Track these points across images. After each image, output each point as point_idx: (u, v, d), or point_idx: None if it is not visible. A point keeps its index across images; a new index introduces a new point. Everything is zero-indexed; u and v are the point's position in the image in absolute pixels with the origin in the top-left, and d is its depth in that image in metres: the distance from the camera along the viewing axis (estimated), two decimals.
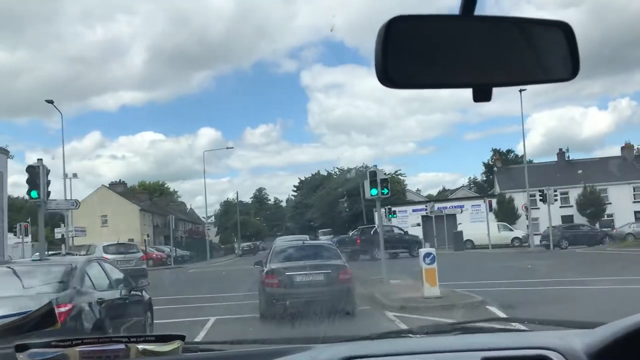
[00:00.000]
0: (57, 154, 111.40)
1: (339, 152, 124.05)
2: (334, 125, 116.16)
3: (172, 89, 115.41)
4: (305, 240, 14.83)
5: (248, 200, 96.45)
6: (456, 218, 44.29)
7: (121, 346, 1.75)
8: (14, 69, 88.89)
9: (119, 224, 52.25)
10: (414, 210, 47.77)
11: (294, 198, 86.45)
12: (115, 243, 25.40)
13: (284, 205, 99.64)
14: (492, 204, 39.96)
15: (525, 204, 37.43)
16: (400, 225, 36.62)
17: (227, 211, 79.05)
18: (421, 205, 49.52)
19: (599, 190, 43.51)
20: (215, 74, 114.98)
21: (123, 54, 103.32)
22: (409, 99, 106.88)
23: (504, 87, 1.25)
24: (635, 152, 49.08)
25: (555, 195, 35.79)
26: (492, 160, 60.93)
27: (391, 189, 16.63)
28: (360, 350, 1.56)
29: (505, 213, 42.87)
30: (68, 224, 33.27)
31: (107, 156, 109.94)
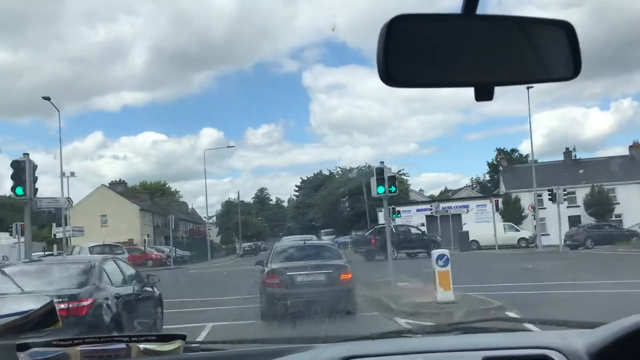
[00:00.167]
0: (59, 154, 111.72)
1: (340, 153, 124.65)
2: (336, 126, 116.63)
3: (174, 89, 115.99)
4: (307, 241, 14.87)
5: (250, 201, 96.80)
6: (461, 218, 44.27)
7: (122, 345, 1.76)
8: (16, 69, 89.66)
9: (119, 224, 52.33)
10: (417, 210, 47.71)
11: (296, 198, 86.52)
12: (100, 244, 25.70)
13: (285, 205, 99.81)
14: (499, 203, 39.84)
15: (532, 203, 37.28)
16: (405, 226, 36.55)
17: (229, 211, 79.15)
18: (425, 205, 49.45)
19: (607, 189, 43.27)
20: (217, 74, 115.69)
21: (125, 55, 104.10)
22: (411, 99, 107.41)
23: (506, 87, 1.26)
24: None
25: (565, 195, 35.20)
26: (498, 160, 60.74)
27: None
28: (360, 350, 1.57)
29: (511, 213, 42.73)
30: (68, 223, 33.35)
31: (109, 156, 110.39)
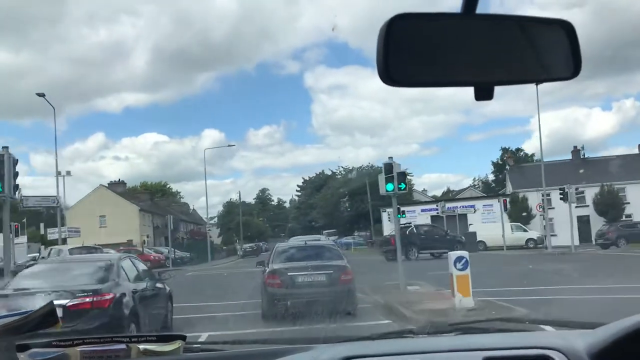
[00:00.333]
0: (61, 155, 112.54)
1: (342, 153, 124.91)
2: (338, 127, 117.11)
3: (176, 90, 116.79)
4: (312, 241, 14.99)
5: (251, 201, 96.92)
6: (467, 218, 44.21)
7: (122, 346, 1.79)
8: (18, 71, 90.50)
9: (118, 225, 52.36)
10: (422, 210, 47.68)
11: (298, 198, 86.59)
12: (79, 246, 26.30)
13: (287, 206, 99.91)
14: (507, 203, 39.58)
15: (540, 203, 37.04)
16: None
17: (230, 212, 79.28)
18: (429, 205, 49.44)
19: (617, 189, 42.95)
20: (219, 75, 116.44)
21: (127, 56, 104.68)
22: (412, 99, 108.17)
23: (506, 88, 1.28)
24: None
25: (578, 194, 34.24)
26: (505, 158, 60.58)
27: None
28: (361, 350, 1.59)
29: (518, 213, 42.50)
30: (65, 223, 33.48)
31: (111, 157, 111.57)
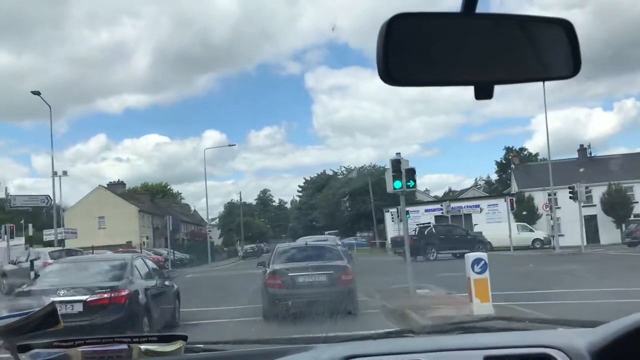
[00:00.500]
0: (62, 156, 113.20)
1: (343, 154, 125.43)
2: (339, 127, 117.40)
3: (177, 91, 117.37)
4: (319, 241, 15.13)
5: (252, 202, 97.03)
6: (472, 218, 44.16)
7: (124, 346, 1.82)
8: (19, 72, 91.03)
9: (117, 226, 52.40)
10: (426, 210, 47.64)
11: (299, 199, 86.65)
12: (59, 249, 26.73)
13: (288, 207, 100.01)
14: (513, 203, 39.37)
15: (546, 202, 36.89)
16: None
17: (231, 213, 79.39)
18: (433, 205, 49.39)
19: (625, 188, 42.75)
20: (220, 76, 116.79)
21: (127, 57, 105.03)
22: (413, 100, 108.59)
23: (507, 88, 1.30)
24: None
25: (586, 193, 33.08)
26: (510, 157, 60.49)
27: None
28: (361, 350, 1.61)
29: (524, 213, 42.36)
30: (62, 224, 33.55)
31: (112, 159, 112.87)
